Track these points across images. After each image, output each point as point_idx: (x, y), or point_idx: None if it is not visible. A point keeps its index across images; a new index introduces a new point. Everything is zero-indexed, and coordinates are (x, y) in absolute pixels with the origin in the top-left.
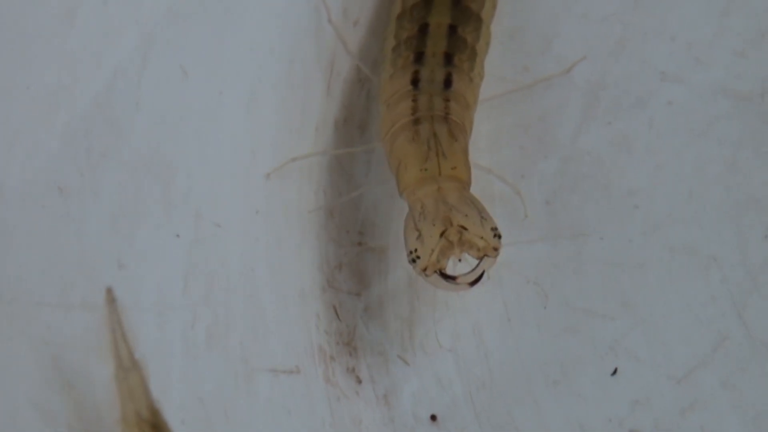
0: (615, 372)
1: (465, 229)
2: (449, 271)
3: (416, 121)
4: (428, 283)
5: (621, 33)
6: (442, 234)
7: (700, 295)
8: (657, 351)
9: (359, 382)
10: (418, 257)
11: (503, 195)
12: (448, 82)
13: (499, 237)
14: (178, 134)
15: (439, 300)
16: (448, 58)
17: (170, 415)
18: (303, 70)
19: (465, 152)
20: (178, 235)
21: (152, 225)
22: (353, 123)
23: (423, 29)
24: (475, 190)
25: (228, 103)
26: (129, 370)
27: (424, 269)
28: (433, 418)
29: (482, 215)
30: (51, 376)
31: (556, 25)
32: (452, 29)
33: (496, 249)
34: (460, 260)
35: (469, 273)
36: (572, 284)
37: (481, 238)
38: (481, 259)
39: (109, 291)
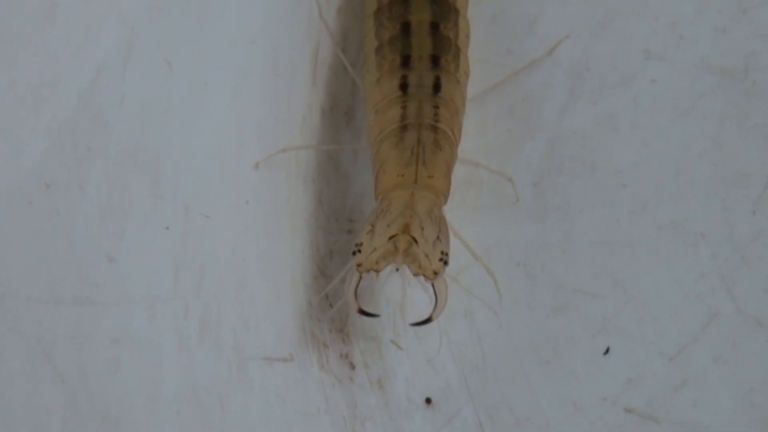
0: (608, 351)
1: (416, 241)
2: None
3: (404, 128)
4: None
5: (604, 12)
6: (392, 237)
7: (690, 272)
8: (648, 329)
9: (353, 368)
10: (360, 251)
11: (491, 179)
12: (437, 87)
13: (445, 263)
14: (164, 127)
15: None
16: (435, 61)
17: (164, 407)
18: (287, 59)
19: (447, 163)
20: (167, 228)
21: (141, 218)
22: (340, 110)
23: (405, 28)
24: (462, 175)
25: (213, 94)
26: None
27: (359, 264)
28: (428, 401)
29: (439, 236)
30: (43, 372)
31: (538, 7)
32: (434, 27)
33: (435, 273)
34: (397, 269)
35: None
36: (562, 264)
37: (426, 256)
38: (417, 276)
39: None
